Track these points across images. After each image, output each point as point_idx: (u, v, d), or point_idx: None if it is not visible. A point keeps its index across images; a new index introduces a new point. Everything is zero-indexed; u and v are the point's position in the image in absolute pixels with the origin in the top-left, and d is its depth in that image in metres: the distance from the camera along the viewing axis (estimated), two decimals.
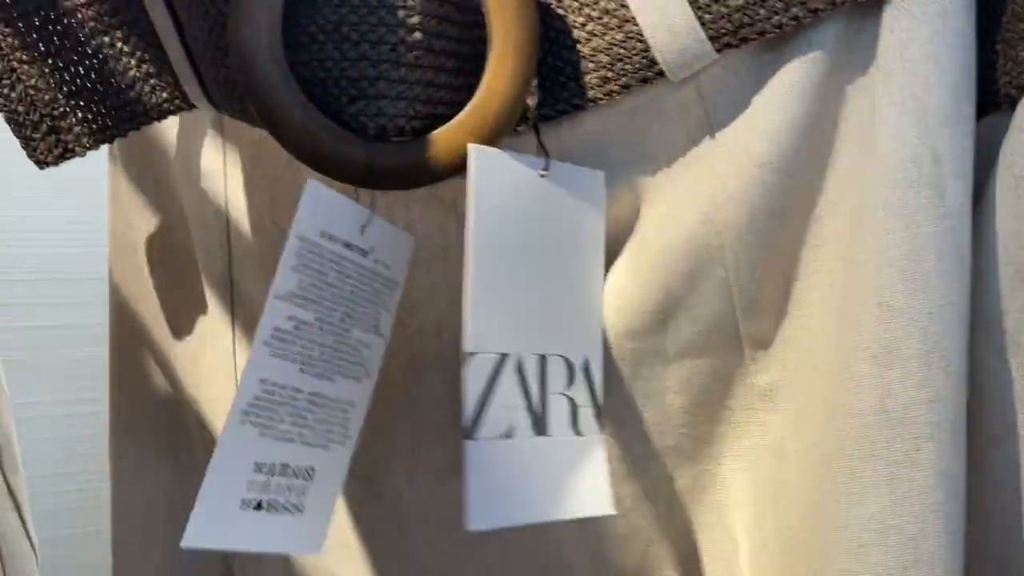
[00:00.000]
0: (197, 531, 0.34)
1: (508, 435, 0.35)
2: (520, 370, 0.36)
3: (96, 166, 0.52)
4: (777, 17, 0.34)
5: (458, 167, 0.36)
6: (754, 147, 0.36)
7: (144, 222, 0.53)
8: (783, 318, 0.38)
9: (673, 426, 0.40)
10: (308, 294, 0.37)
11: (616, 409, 0.40)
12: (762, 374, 0.39)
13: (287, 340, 0.37)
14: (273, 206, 0.45)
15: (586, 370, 0.38)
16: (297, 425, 0.38)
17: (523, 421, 0.35)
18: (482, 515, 0.34)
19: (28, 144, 0.43)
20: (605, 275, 0.40)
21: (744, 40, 0.35)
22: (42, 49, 0.41)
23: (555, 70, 0.38)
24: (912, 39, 0.33)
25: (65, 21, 0.41)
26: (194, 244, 0.50)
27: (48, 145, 0.42)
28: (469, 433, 0.34)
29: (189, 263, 0.51)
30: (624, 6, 0.36)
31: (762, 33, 0.35)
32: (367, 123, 0.36)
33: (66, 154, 0.43)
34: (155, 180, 0.52)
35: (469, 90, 0.37)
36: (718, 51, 0.35)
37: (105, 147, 0.45)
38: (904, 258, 0.33)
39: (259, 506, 0.36)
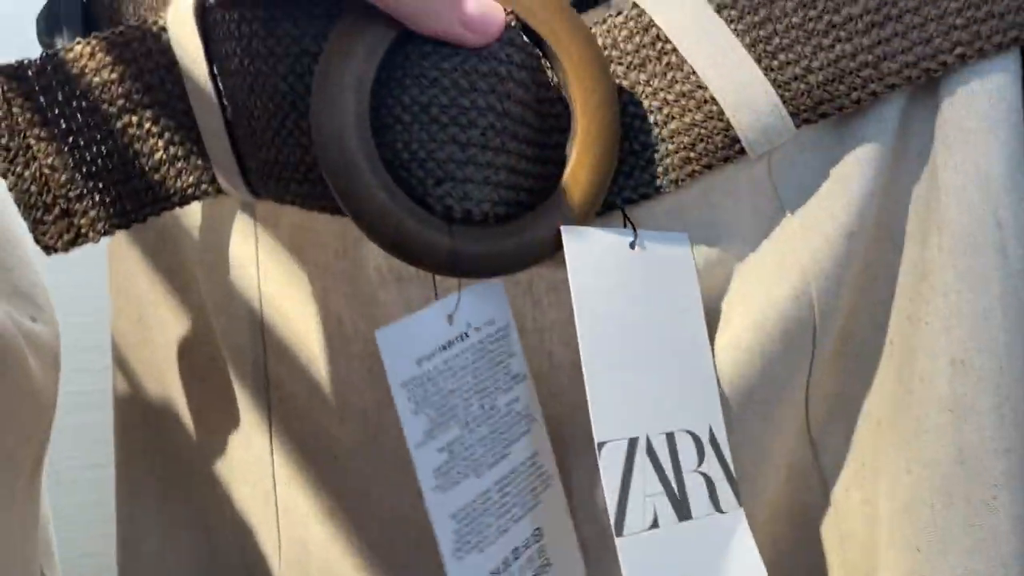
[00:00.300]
0: None
1: (654, 525, 0.35)
2: (651, 453, 0.36)
3: None
4: (856, 93, 0.36)
5: (542, 255, 0.36)
6: (841, 218, 0.37)
7: (158, 316, 0.50)
8: (851, 378, 0.40)
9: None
10: (444, 415, 0.37)
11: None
12: (824, 434, 0.40)
13: (450, 469, 0.37)
14: (327, 296, 0.43)
15: (713, 441, 0.38)
16: (501, 516, 0.38)
17: (665, 508, 0.36)
18: None
19: (37, 227, 0.40)
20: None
21: (823, 115, 0.36)
22: (63, 126, 0.39)
23: (635, 154, 0.38)
24: (971, 113, 0.35)
25: (90, 98, 0.39)
26: (219, 338, 0.47)
27: (59, 229, 0.40)
28: (619, 530, 0.34)
29: (213, 357, 0.49)
30: (702, 87, 0.37)
31: (840, 108, 0.36)
32: (453, 207, 0.35)
33: (78, 239, 0.40)
34: (168, 270, 0.49)
35: (549, 178, 0.37)
36: (797, 127, 0.37)
37: None
38: (974, 317, 0.35)
39: None
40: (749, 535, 0.37)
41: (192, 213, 0.46)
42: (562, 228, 0.35)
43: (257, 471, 0.47)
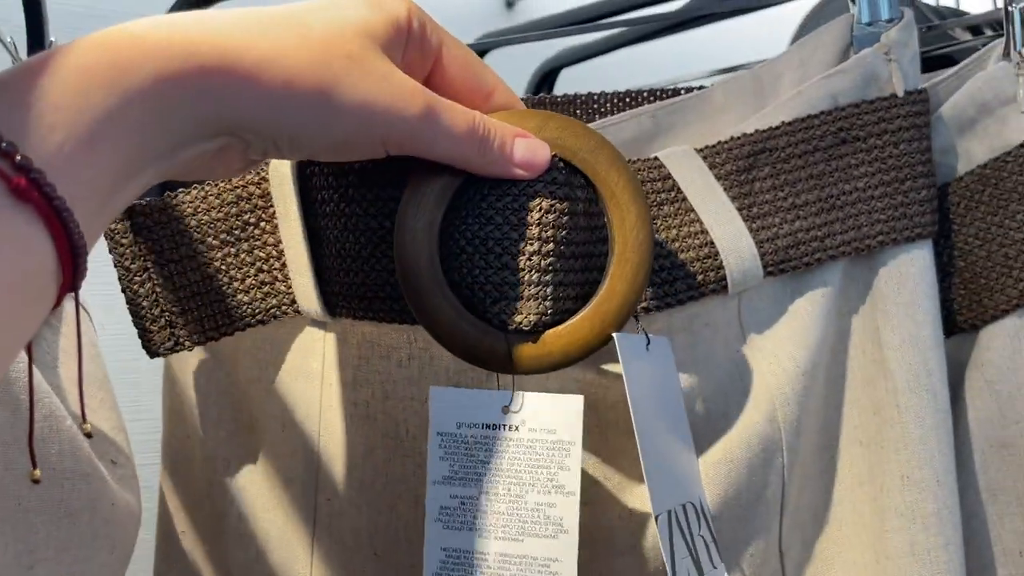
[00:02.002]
0: None
1: None
2: (678, 521, 0.44)
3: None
4: (807, 257, 0.49)
5: (584, 354, 0.42)
6: (797, 358, 0.49)
7: (204, 432, 0.55)
8: (804, 491, 0.51)
9: None
10: (466, 474, 0.43)
11: None
12: (788, 538, 0.50)
13: (456, 514, 0.43)
14: (386, 402, 0.49)
15: (703, 509, 0.45)
16: None
17: (691, 568, 0.43)
18: None
19: (145, 335, 0.48)
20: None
21: (782, 271, 0.49)
22: (174, 255, 0.47)
23: (655, 272, 0.47)
24: (902, 291, 0.48)
25: (198, 233, 0.47)
26: (267, 448, 0.53)
27: (163, 338, 0.48)
28: None
29: (252, 471, 0.54)
30: (705, 232, 0.48)
31: (796, 267, 0.49)
32: (507, 320, 0.42)
33: (176, 347, 0.48)
34: (221, 391, 0.54)
35: (594, 284, 0.43)
36: (764, 276, 0.49)
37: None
38: (915, 443, 0.47)
39: None
40: None
41: (249, 337, 0.52)
42: (615, 335, 0.42)
43: (297, 569, 0.52)
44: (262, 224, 0.48)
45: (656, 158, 0.49)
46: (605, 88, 0.65)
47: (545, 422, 0.43)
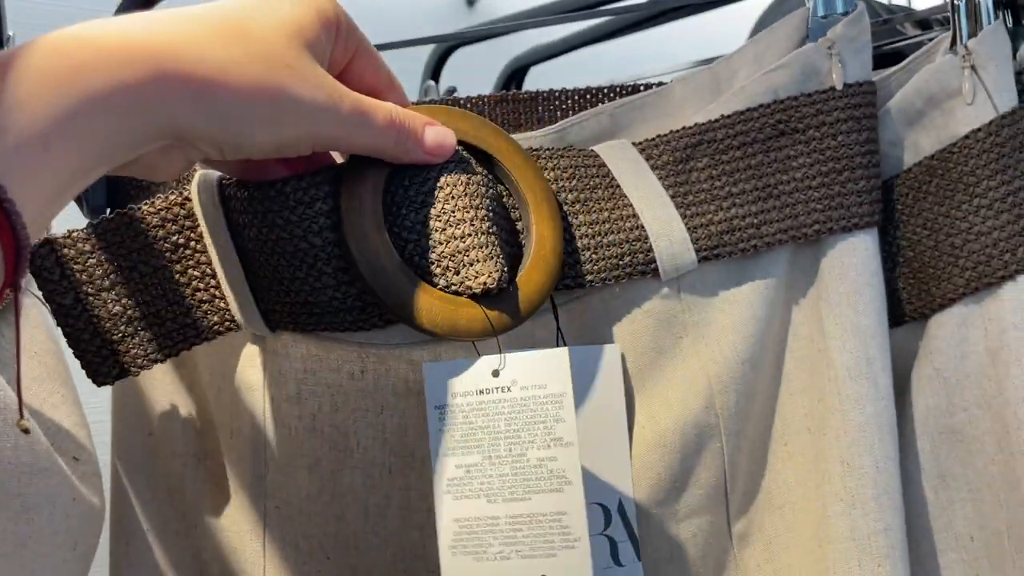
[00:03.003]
0: None
1: None
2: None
3: None
4: (743, 244, 0.50)
5: (544, 298, 0.46)
6: (738, 346, 0.50)
7: (170, 428, 0.56)
8: (755, 476, 0.52)
9: (681, 574, 0.51)
10: (467, 443, 0.44)
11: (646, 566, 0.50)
12: (739, 523, 0.52)
13: (463, 483, 0.44)
14: (335, 414, 0.50)
15: (620, 511, 0.48)
16: (509, 545, 0.44)
17: None
18: None
19: (88, 365, 0.47)
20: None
21: (717, 256, 0.50)
22: (106, 283, 0.46)
23: (576, 252, 0.48)
24: (844, 280, 0.49)
25: (129, 259, 0.46)
26: (223, 451, 0.54)
27: (107, 366, 0.47)
28: None
29: (214, 470, 0.55)
30: (635, 216, 0.49)
31: (731, 253, 0.50)
32: (472, 285, 0.44)
33: (122, 374, 0.47)
34: (189, 387, 0.56)
35: (517, 258, 0.46)
36: (699, 262, 0.50)
37: None
38: (855, 430, 0.47)
39: None
40: None
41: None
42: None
43: (250, 572, 0.53)
44: (192, 243, 0.48)
45: (592, 150, 0.50)
46: (569, 86, 0.65)
47: (535, 378, 0.45)
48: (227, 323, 0.48)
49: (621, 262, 0.49)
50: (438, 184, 0.44)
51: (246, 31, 0.38)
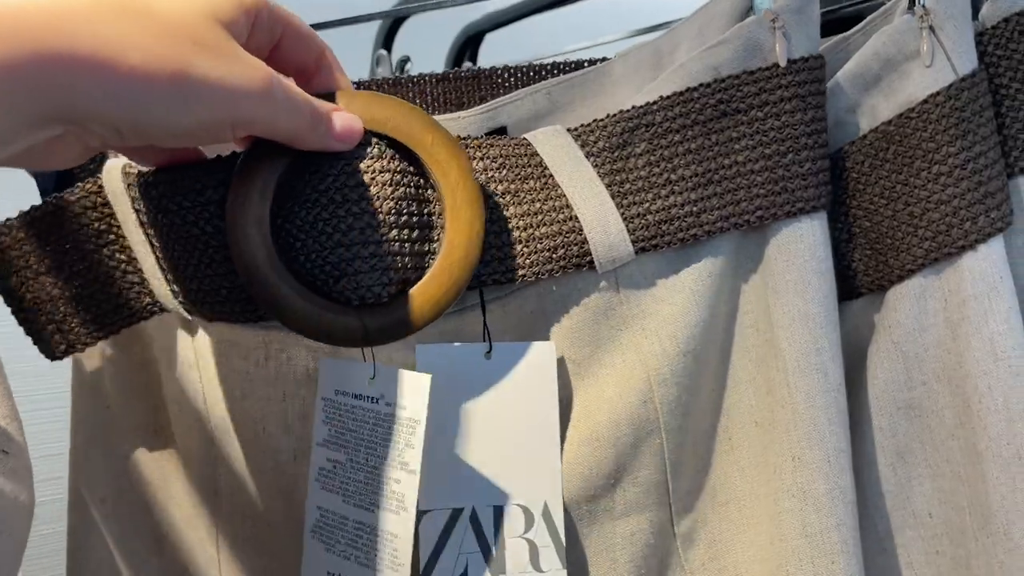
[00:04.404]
0: None
1: (463, 573, 0.45)
2: (475, 521, 0.46)
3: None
4: (682, 233, 0.47)
5: (437, 314, 0.44)
6: (679, 337, 0.48)
7: (128, 404, 0.56)
8: (699, 473, 0.50)
9: (620, 575, 0.50)
10: (338, 440, 0.45)
11: (572, 564, 0.49)
12: (683, 521, 0.50)
13: (329, 477, 0.45)
14: (244, 402, 0.50)
15: (546, 514, 0.47)
16: (351, 547, 0.44)
17: (478, 562, 0.45)
18: None
19: (39, 341, 0.49)
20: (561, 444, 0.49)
21: (655, 247, 0.47)
22: (45, 266, 0.48)
23: (507, 245, 0.46)
24: (790, 268, 0.46)
25: (61, 243, 0.48)
26: (173, 422, 0.54)
27: (56, 342, 0.49)
28: (426, 574, 0.43)
29: (173, 442, 0.55)
30: (569, 207, 0.47)
31: (670, 243, 0.47)
32: (351, 296, 0.43)
33: (70, 349, 0.49)
34: (140, 363, 0.55)
35: (434, 255, 0.44)
36: (636, 253, 0.47)
37: None
38: (806, 424, 0.46)
39: None
40: None
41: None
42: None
43: (202, 556, 0.54)
44: (114, 229, 0.48)
45: (524, 138, 0.48)
46: (526, 53, 0.63)
47: (397, 397, 0.44)
48: (157, 305, 0.49)
49: (555, 255, 0.47)
50: (335, 184, 0.43)
51: (148, 5, 0.35)
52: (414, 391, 0.44)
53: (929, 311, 0.49)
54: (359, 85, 0.56)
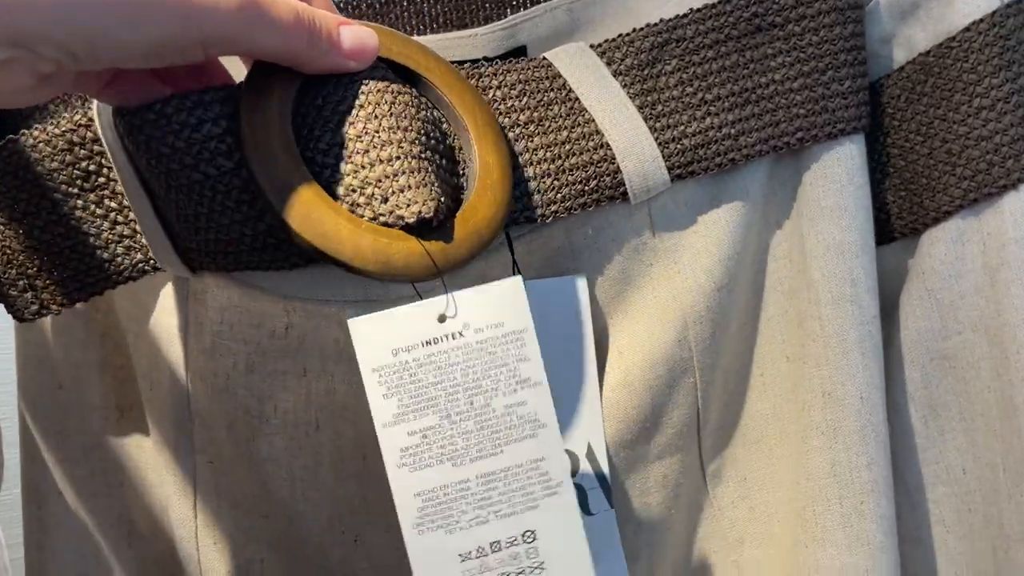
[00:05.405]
0: None
1: None
2: None
3: None
4: (720, 158, 0.45)
5: (495, 233, 0.39)
6: (715, 271, 0.45)
7: (86, 379, 0.51)
8: (729, 411, 0.48)
9: (652, 518, 0.48)
10: (417, 406, 0.38)
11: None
12: (713, 460, 0.48)
13: (420, 451, 0.38)
14: (250, 375, 0.44)
15: (590, 455, 0.45)
16: (484, 507, 0.39)
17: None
18: None
19: (6, 300, 0.43)
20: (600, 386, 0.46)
21: (692, 173, 0.45)
22: (17, 211, 0.41)
23: (534, 179, 0.43)
24: (827, 193, 0.44)
25: (38, 184, 0.41)
26: (144, 401, 0.49)
27: (25, 302, 0.43)
28: None
29: (142, 419, 0.50)
30: (599, 133, 0.43)
31: (707, 169, 0.44)
32: (404, 214, 0.37)
33: (42, 310, 0.43)
34: (102, 334, 0.50)
35: (461, 188, 0.41)
36: (672, 180, 0.45)
37: None
38: (838, 357, 0.43)
39: None
40: (616, 534, 0.43)
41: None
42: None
43: (182, 532, 0.48)
44: (105, 171, 0.41)
45: (544, 58, 0.44)
46: None
47: (489, 316, 0.39)
48: (150, 263, 0.43)
49: (586, 187, 0.43)
50: (358, 102, 0.38)
51: None
52: (508, 300, 0.39)
53: (966, 256, 0.46)
54: (344, 8, 0.50)
